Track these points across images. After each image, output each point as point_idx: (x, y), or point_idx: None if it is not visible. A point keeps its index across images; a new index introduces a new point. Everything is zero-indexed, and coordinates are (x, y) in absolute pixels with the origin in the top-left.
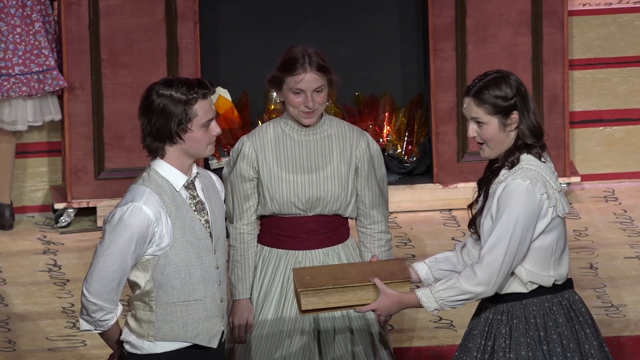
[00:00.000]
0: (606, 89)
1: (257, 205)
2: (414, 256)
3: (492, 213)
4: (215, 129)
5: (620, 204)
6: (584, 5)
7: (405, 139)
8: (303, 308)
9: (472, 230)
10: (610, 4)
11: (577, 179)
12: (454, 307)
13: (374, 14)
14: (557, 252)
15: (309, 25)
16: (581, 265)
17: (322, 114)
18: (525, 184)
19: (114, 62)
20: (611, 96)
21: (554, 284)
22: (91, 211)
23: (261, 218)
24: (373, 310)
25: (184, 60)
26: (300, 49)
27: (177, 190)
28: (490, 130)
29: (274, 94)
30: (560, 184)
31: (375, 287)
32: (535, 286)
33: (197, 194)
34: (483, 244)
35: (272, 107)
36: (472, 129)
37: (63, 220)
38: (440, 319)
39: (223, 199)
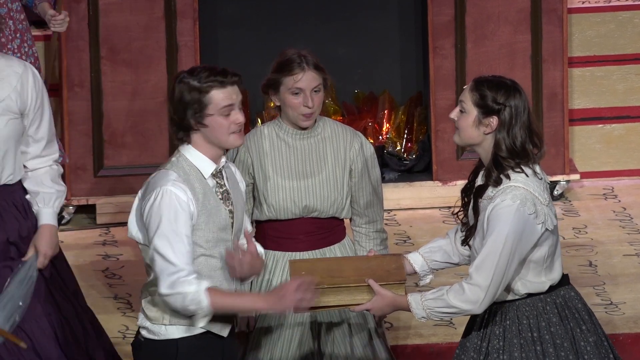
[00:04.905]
0: (605, 86)
1: (253, 208)
2: None
3: (483, 231)
4: (234, 116)
5: (619, 201)
6: (583, 2)
7: (405, 136)
8: None
9: (464, 246)
10: (610, 1)
11: (576, 176)
12: (441, 319)
13: (373, 11)
14: (548, 259)
15: (308, 23)
16: (580, 263)
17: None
18: (515, 205)
19: (113, 60)
20: (610, 94)
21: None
22: (90, 209)
23: (256, 222)
24: (367, 310)
25: (183, 58)
26: (294, 51)
27: (205, 177)
28: (466, 120)
29: None
30: (558, 181)
31: (370, 288)
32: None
33: (224, 183)
34: (472, 261)
35: (272, 104)
36: (455, 111)
37: (62, 218)
38: None
39: (243, 190)
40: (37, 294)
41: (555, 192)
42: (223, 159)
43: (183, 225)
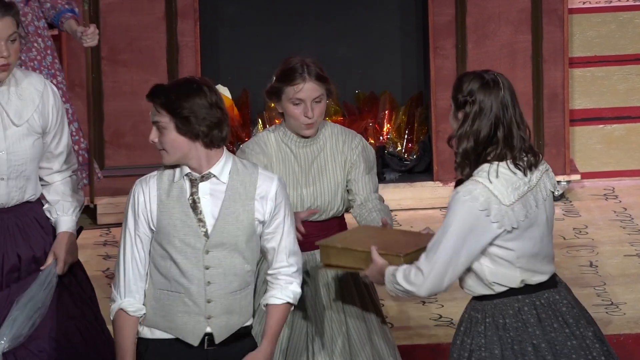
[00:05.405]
0: (606, 87)
1: None
2: None
3: None
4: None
5: (620, 201)
6: (584, 3)
7: (405, 137)
8: (322, 261)
9: None
10: (610, 2)
11: (577, 176)
12: (402, 296)
13: (374, 11)
14: (522, 260)
15: (309, 23)
16: (581, 263)
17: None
18: (465, 199)
19: (114, 60)
20: (611, 94)
21: (526, 285)
22: (91, 209)
23: None
24: (366, 276)
25: (184, 58)
26: (298, 59)
27: (174, 181)
28: (450, 114)
29: None
30: (558, 182)
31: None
32: (503, 288)
33: (196, 192)
34: None
35: (272, 104)
36: None
37: None
38: (440, 316)
39: (272, 207)
40: (60, 300)
41: (556, 193)
42: (210, 170)
43: (131, 222)
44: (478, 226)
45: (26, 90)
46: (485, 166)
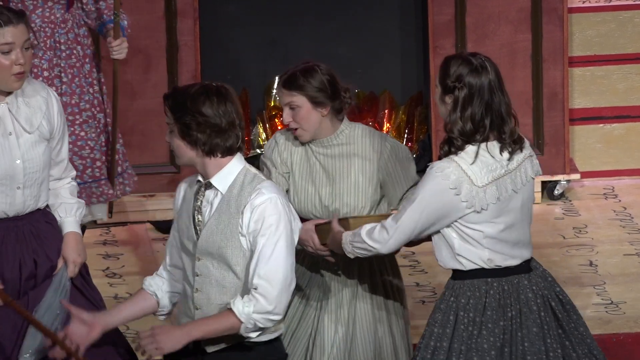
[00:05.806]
0: (606, 86)
1: None
2: (413, 253)
3: None
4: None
5: (619, 201)
6: (583, 2)
7: (405, 136)
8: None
9: None
10: (610, 1)
11: (576, 176)
12: (360, 256)
13: (374, 11)
14: (490, 241)
15: (308, 22)
16: (581, 263)
17: (334, 128)
18: (437, 175)
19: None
20: (611, 93)
21: (498, 268)
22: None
23: None
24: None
25: (183, 58)
26: (293, 67)
27: (192, 185)
28: (437, 97)
29: (274, 91)
30: (558, 181)
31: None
32: (472, 265)
33: (200, 199)
34: None
35: (272, 104)
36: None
37: None
38: None
39: (249, 219)
40: (75, 303)
41: (556, 192)
42: (211, 180)
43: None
44: (447, 203)
45: (32, 98)
46: (468, 147)
